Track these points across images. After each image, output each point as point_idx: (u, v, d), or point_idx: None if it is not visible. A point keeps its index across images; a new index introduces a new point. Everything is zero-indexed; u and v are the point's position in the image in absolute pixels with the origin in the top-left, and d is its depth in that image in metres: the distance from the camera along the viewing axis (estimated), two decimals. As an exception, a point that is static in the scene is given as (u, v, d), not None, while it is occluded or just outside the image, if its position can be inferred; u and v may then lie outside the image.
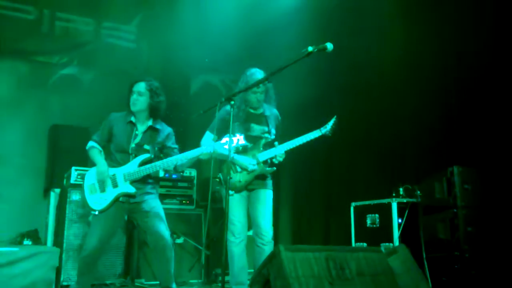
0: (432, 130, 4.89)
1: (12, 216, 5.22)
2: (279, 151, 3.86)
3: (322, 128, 3.92)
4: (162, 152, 3.84)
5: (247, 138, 3.89)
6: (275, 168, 3.93)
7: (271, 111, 4.08)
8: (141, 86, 3.78)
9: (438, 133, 4.82)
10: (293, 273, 2.87)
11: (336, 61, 4.93)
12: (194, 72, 6.73)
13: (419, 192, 4.42)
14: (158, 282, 3.86)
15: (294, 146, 3.90)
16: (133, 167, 3.65)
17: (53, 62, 5.98)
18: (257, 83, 3.65)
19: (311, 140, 3.94)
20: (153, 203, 3.73)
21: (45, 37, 5.93)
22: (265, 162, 3.90)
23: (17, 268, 3.98)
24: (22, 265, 4.02)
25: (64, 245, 4.43)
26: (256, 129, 4.00)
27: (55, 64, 5.97)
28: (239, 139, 3.48)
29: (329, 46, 3.11)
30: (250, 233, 4.04)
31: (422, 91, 4.98)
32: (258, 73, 3.94)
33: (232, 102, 3.33)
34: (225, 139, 3.48)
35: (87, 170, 4.47)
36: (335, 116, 3.95)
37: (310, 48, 3.08)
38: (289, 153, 3.95)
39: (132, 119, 3.79)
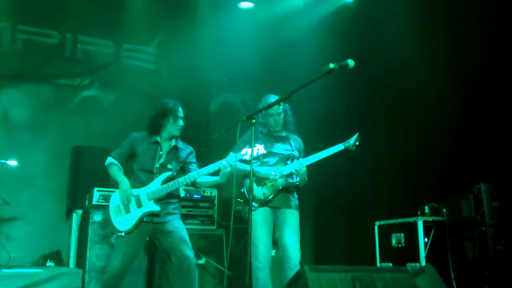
0: (457, 146, 4.80)
1: (35, 238, 5.25)
2: (301, 164, 3.83)
3: (345, 142, 3.89)
4: (183, 169, 3.85)
5: (270, 154, 3.89)
6: (298, 179, 3.88)
7: (293, 138, 4.10)
8: (182, 111, 3.84)
9: (464, 149, 4.73)
10: (319, 293, 2.80)
11: (358, 76, 4.90)
12: (214, 92, 6.77)
13: (445, 210, 4.33)
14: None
15: (317, 159, 3.87)
16: (156, 185, 3.66)
17: (75, 84, 6.08)
18: (276, 102, 3.63)
19: (334, 156, 3.90)
20: (177, 223, 3.72)
21: (68, 60, 6.05)
22: (288, 175, 3.87)
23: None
24: (46, 286, 4.03)
25: (87, 266, 4.42)
26: (279, 147, 4.00)
27: (77, 87, 6.07)
28: (258, 149, 3.48)
29: (351, 62, 3.08)
30: (273, 253, 3.99)
31: (447, 106, 4.92)
32: (273, 98, 3.94)
33: (254, 121, 3.32)
34: (244, 150, 3.47)
35: (109, 191, 4.56)
36: (357, 133, 3.92)
37: (331, 65, 3.05)
38: (310, 170, 3.92)
39: (158, 139, 3.81)
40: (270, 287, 3.79)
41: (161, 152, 3.79)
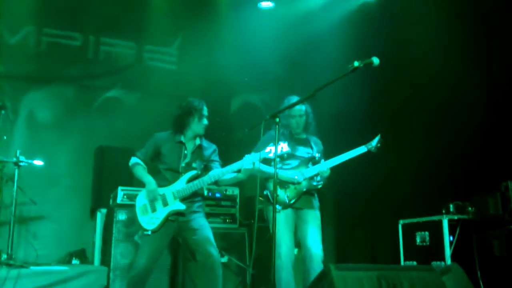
0: (483, 143, 4.73)
1: (60, 236, 5.36)
2: (324, 167, 3.84)
3: (367, 144, 3.87)
4: (206, 168, 3.87)
5: (292, 157, 3.90)
6: (321, 183, 3.89)
7: (314, 139, 4.10)
8: (206, 110, 3.86)
9: (490, 146, 4.66)
10: (345, 292, 2.79)
11: (380, 74, 4.87)
12: (234, 91, 6.79)
13: (470, 208, 4.26)
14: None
15: (339, 162, 3.86)
16: (181, 184, 3.69)
17: (98, 85, 6.16)
18: (300, 101, 3.62)
19: (356, 157, 3.89)
20: (202, 221, 3.75)
21: (90, 62, 6.14)
22: (311, 178, 3.87)
23: (68, 287, 4.05)
24: (72, 284, 4.08)
25: (112, 264, 4.48)
26: (301, 149, 4.01)
27: (99, 88, 6.16)
28: (282, 147, 3.47)
29: (375, 60, 3.06)
30: (296, 252, 3.98)
31: (471, 103, 4.84)
32: (296, 99, 3.94)
33: (277, 120, 3.31)
34: (268, 148, 3.47)
35: (133, 190, 4.61)
36: (379, 135, 3.90)
37: (356, 63, 3.03)
38: (331, 169, 3.91)
39: (182, 139, 3.84)
40: (293, 287, 3.79)
41: (186, 152, 3.82)
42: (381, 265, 3.78)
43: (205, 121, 3.85)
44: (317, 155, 4.01)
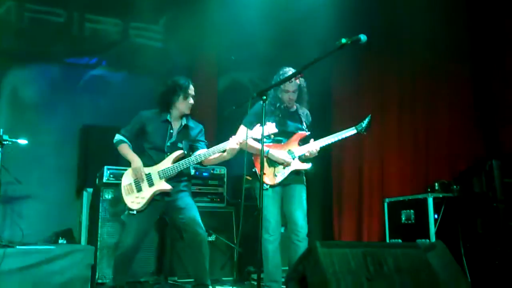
0: (468, 122, 4.77)
1: (46, 216, 5.31)
2: (314, 147, 3.84)
3: (357, 126, 3.88)
4: (192, 148, 3.84)
5: (282, 133, 3.89)
6: (311, 164, 3.90)
7: (303, 111, 4.07)
8: (193, 89, 3.80)
9: (474, 125, 4.70)
10: (330, 269, 2.81)
11: (369, 51, 4.85)
12: (222, 70, 6.72)
13: (455, 186, 4.31)
14: (191, 280, 3.85)
15: (329, 143, 3.87)
16: (167, 164, 3.66)
17: (83, 63, 6.05)
18: (290, 77, 3.60)
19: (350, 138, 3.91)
20: (188, 200, 3.74)
21: (75, 39, 6.00)
22: (300, 157, 3.87)
23: (55, 266, 4.04)
24: (59, 263, 4.07)
25: (98, 243, 4.47)
26: (291, 125, 3.99)
27: (85, 66, 6.05)
28: (270, 128, 3.46)
29: (363, 37, 3.04)
30: (283, 230, 4.01)
31: (457, 83, 4.87)
32: (289, 71, 3.91)
33: (264, 98, 3.29)
34: (256, 127, 3.45)
35: (119, 169, 4.57)
36: (369, 115, 3.90)
37: (343, 40, 3.02)
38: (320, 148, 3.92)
39: (168, 117, 3.80)
40: (280, 260, 3.82)
41: (171, 131, 3.79)
42: (367, 242, 3.84)
43: (191, 100, 3.81)
44: (307, 130, 4.00)
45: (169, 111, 3.80)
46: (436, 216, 4.20)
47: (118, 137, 3.83)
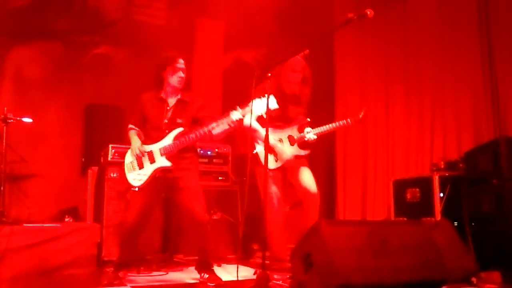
0: (474, 99, 4.71)
1: (52, 194, 5.35)
2: (311, 135, 3.90)
3: (352, 118, 3.97)
4: (196, 124, 3.81)
5: (283, 118, 3.89)
6: (308, 151, 3.97)
7: (302, 91, 4.05)
8: (183, 62, 3.76)
9: (481, 101, 4.64)
10: (335, 246, 2.81)
11: (373, 30, 4.77)
12: (226, 48, 6.66)
13: (461, 164, 4.28)
14: (196, 258, 3.87)
15: (324, 130, 3.96)
16: (167, 141, 3.65)
17: (86, 41, 6.00)
18: (296, 53, 3.57)
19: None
20: (190, 179, 3.72)
21: (77, 17, 5.94)
22: (299, 143, 3.94)
23: (61, 244, 4.07)
24: (66, 240, 4.10)
25: (104, 221, 4.49)
26: (292, 110, 3.99)
27: (87, 44, 6.00)
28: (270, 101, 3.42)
29: (369, 12, 3.01)
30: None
31: (463, 61, 4.79)
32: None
33: (269, 74, 3.26)
34: (257, 100, 3.38)
35: (124, 148, 4.57)
36: (364, 108, 4.04)
37: (349, 15, 2.99)
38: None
39: (162, 95, 3.78)
40: (284, 238, 3.86)
41: (168, 107, 3.76)
42: (372, 220, 3.84)
43: (181, 74, 3.75)
44: (307, 119, 4.04)
45: (163, 89, 3.78)
46: (441, 194, 4.18)
47: (129, 127, 3.86)
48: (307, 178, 3.96)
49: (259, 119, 3.73)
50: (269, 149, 3.85)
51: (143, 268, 4.04)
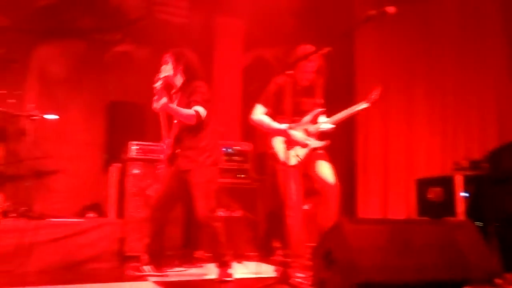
0: (498, 96, 4.63)
1: (75, 190, 5.44)
2: (328, 124, 3.84)
3: (367, 100, 3.88)
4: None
5: (297, 112, 3.87)
6: (325, 142, 3.91)
7: (317, 81, 4.01)
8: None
9: (505, 99, 4.56)
10: (357, 245, 2.80)
11: (395, 26, 4.74)
12: (246, 46, 6.67)
13: (485, 164, 4.21)
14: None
15: (341, 117, 3.88)
16: None
17: (108, 39, 6.08)
18: (313, 53, 3.56)
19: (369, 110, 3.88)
20: (198, 174, 3.67)
21: (99, 15, 6.02)
22: (317, 134, 3.89)
23: (85, 239, 4.14)
24: (89, 236, 4.18)
25: (126, 217, 4.55)
26: (307, 102, 3.96)
27: (110, 42, 6.07)
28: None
29: (390, 9, 2.99)
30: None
31: (482, 54, 4.72)
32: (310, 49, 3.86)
33: (288, 74, 3.26)
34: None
35: (145, 144, 4.66)
36: (378, 88, 3.87)
37: (370, 12, 2.96)
38: (342, 126, 3.92)
39: None
40: (304, 236, 3.84)
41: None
42: (394, 219, 3.81)
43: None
44: (322, 109, 3.99)
45: None
46: (465, 194, 4.13)
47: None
48: (326, 170, 3.90)
49: (274, 114, 3.75)
50: (288, 145, 3.83)
51: (164, 263, 4.09)
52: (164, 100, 3.55)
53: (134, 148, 4.71)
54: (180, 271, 4.02)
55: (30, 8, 5.60)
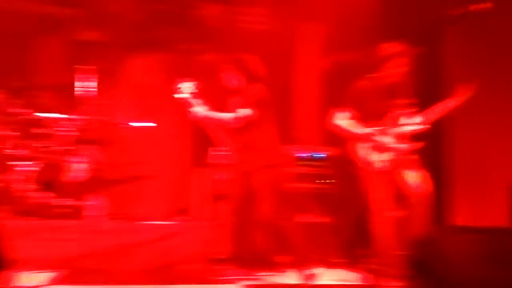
0: None
1: (165, 194, 5.69)
2: (418, 125, 3.69)
3: (460, 98, 3.66)
4: None
5: (384, 114, 3.76)
6: (413, 144, 3.75)
7: (404, 80, 3.87)
8: None
9: None
10: (452, 254, 2.68)
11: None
12: (326, 50, 6.62)
13: None
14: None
15: (432, 117, 3.70)
16: None
17: (193, 50, 6.30)
18: (400, 51, 3.47)
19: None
20: (258, 175, 3.77)
21: (185, 27, 6.26)
22: (408, 137, 3.74)
23: (175, 241, 4.32)
24: (179, 238, 4.35)
25: (213, 221, 4.67)
26: (394, 103, 3.84)
27: (195, 52, 6.30)
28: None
29: (485, 5, 2.84)
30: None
31: None
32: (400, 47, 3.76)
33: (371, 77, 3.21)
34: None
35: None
36: (470, 84, 3.63)
37: (466, 8, 2.84)
38: (431, 127, 3.75)
39: None
40: (393, 243, 3.74)
41: None
42: (493, 227, 3.59)
43: None
44: (411, 110, 3.84)
45: None
46: None
47: None
48: (415, 175, 3.77)
49: (358, 118, 3.69)
50: (374, 149, 3.75)
51: (253, 267, 4.14)
52: (199, 108, 3.64)
53: (216, 153, 4.83)
54: (268, 275, 4.05)
55: (122, 24, 5.96)
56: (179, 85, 3.78)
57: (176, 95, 3.73)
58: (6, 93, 4.79)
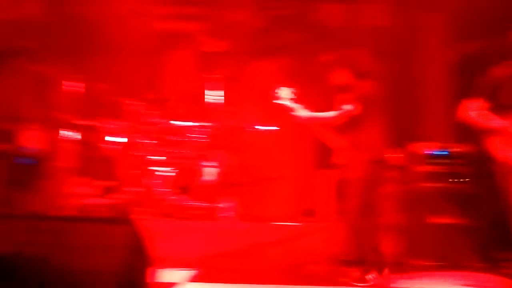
0: None
1: (289, 196, 5.80)
2: None
3: None
4: None
5: None
6: None
7: None
8: None
9: None
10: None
11: None
12: (450, 41, 6.25)
13: None
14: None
15: None
16: None
17: (312, 52, 6.33)
18: None
19: None
20: (350, 169, 3.74)
21: (303, 29, 6.33)
22: None
23: (303, 241, 4.39)
24: (307, 239, 4.41)
25: (341, 221, 4.65)
26: None
27: (313, 54, 6.32)
28: None
29: None
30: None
31: None
32: None
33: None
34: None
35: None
36: None
37: None
38: None
39: None
40: None
41: None
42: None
43: None
44: None
45: None
46: None
47: None
48: None
49: (493, 109, 3.41)
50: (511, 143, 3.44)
51: (387, 271, 4.04)
52: (301, 111, 3.59)
53: (338, 154, 4.80)
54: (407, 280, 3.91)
55: (244, 32, 6.22)
56: (278, 91, 3.83)
57: (276, 101, 3.77)
58: (145, 105, 5.27)
